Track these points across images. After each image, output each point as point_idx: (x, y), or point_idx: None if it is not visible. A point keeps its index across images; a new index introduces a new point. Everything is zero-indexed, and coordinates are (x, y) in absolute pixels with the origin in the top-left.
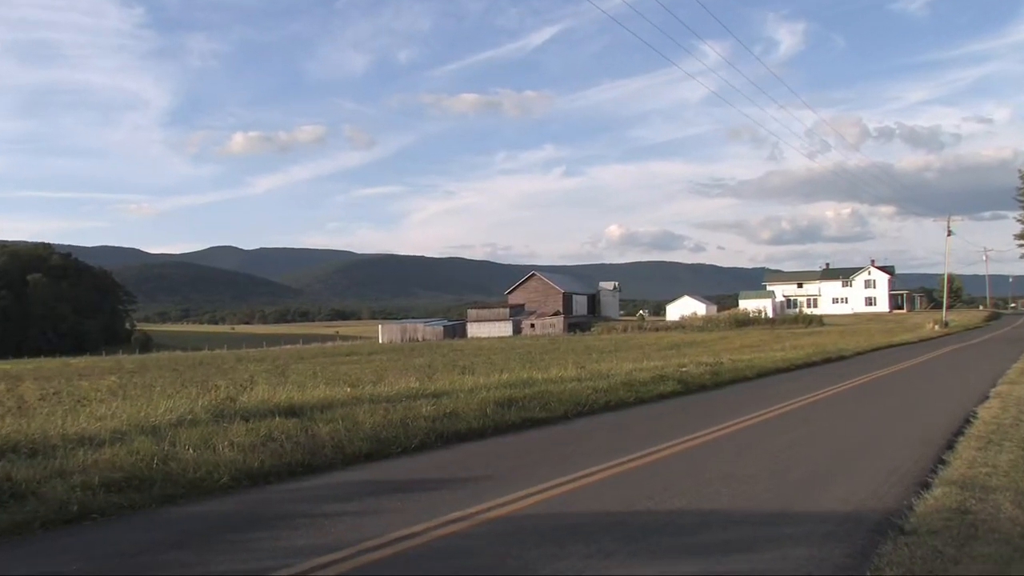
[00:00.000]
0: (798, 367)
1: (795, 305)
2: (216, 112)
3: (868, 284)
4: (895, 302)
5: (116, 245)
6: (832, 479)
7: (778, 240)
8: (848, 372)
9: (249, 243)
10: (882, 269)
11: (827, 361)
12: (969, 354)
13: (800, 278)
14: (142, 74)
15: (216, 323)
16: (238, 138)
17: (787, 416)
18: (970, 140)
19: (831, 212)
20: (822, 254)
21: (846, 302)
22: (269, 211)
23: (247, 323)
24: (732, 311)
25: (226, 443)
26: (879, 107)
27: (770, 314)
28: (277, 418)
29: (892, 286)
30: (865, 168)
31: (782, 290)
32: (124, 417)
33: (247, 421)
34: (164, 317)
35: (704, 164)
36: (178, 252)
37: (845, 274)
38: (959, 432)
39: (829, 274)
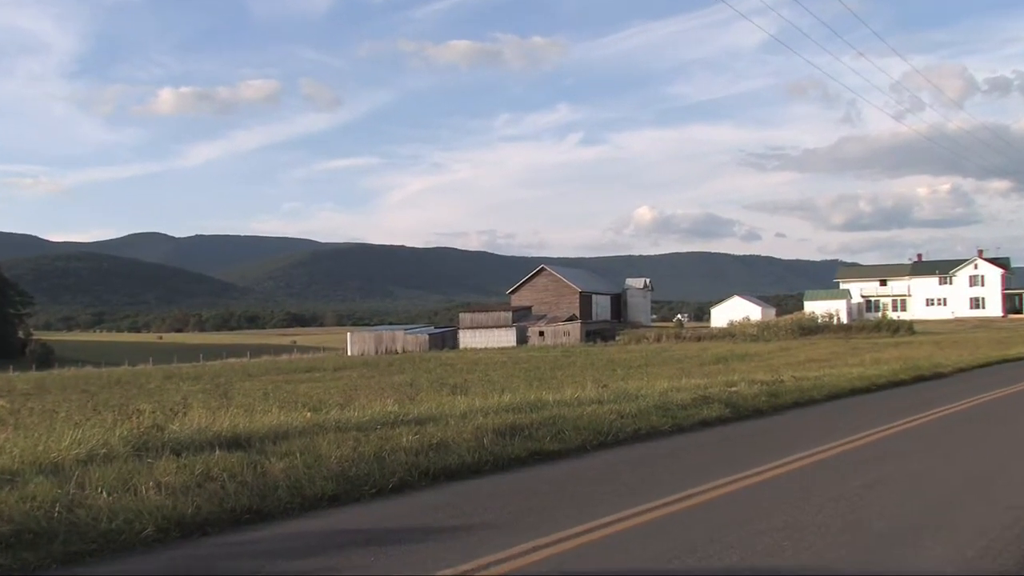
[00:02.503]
0: (881, 387)
1: (877, 308)
2: (137, 60)
3: (974, 281)
4: (1011, 304)
5: (5, 231)
6: (927, 531)
7: (855, 225)
8: (947, 394)
9: (181, 229)
10: (993, 262)
11: (919, 380)
12: None
13: (884, 273)
14: (40, 9)
15: (138, 330)
16: (166, 95)
17: (867, 450)
18: None
19: (924, 189)
20: (912, 243)
21: (944, 304)
22: (206, 189)
23: (179, 331)
24: (795, 315)
25: (151, 484)
26: (992, 51)
27: (844, 319)
28: (217, 451)
29: (1007, 283)
30: (971, 131)
31: (860, 289)
32: (15, 452)
33: (179, 456)
34: (70, 323)
35: (760, 129)
36: (89, 240)
37: (943, 268)
38: None
39: (922, 268)
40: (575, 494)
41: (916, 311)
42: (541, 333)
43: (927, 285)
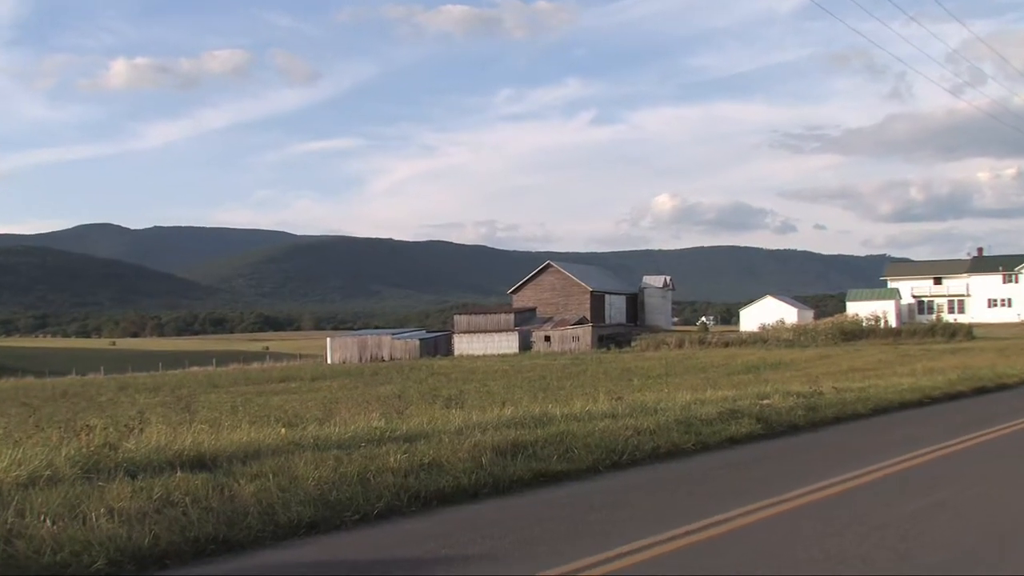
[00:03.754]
0: (935, 400)
1: (931, 309)
2: (85, 27)
3: None
4: None
5: None
6: (987, 565)
7: (905, 215)
8: (1012, 408)
9: (137, 220)
10: None
11: (979, 392)
12: None
13: (938, 270)
14: None
15: (88, 335)
16: (119, 67)
17: (919, 471)
18: None
19: (986, 173)
20: (972, 235)
21: (1009, 305)
22: (166, 174)
23: (134, 335)
24: (837, 318)
25: (102, 510)
26: None
27: (893, 322)
28: (179, 473)
29: None
30: None
31: (911, 287)
32: None
33: (134, 478)
34: (9, 327)
35: (796, 106)
36: (31, 233)
37: (1008, 264)
38: None
39: (983, 264)
40: (585, 521)
41: (976, 313)
42: (547, 338)
43: (989, 283)
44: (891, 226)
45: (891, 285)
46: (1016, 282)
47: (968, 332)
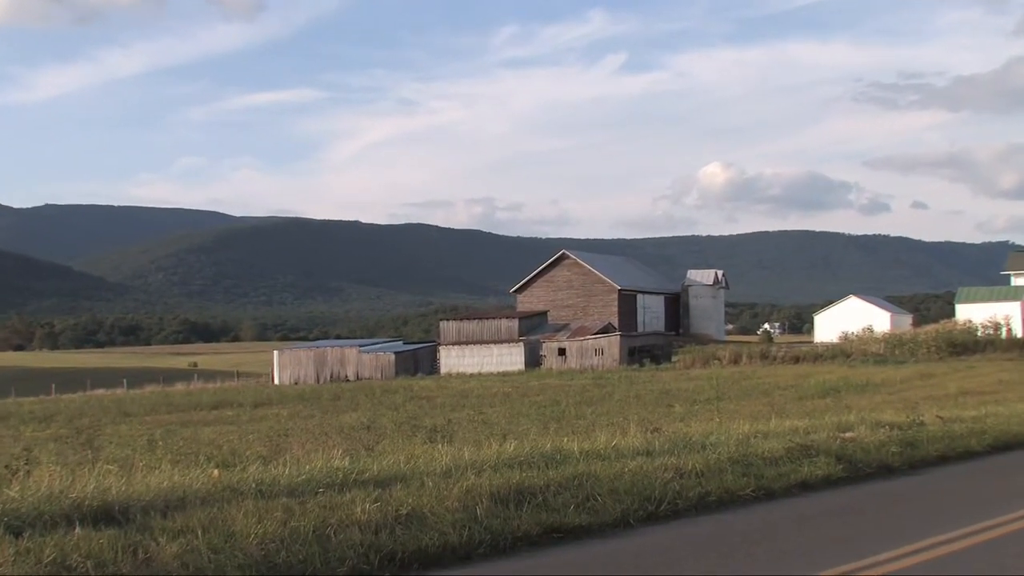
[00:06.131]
0: None
1: None
2: None
3: None
4: None
5: None
6: None
7: None
8: None
9: (23, 196)
10: None
11: None
12: None
13: None
14: None
15: None
16: None
17: None
18: None
19: None
20: None
21: None
22: (61, 136)
23: (19, 348)
24: (943, 325)
25: None
26: None
27: (1018, 331)
28: (78, 528)
29: None
30: None
31: None
32: None
33: (18, 536)
34: None
35: (889, 47)
36: None
37: None
38: None
39: None
40: None
41: None
42: (561, 351)
43: None
44: (1016, 204)
45: (1016, 282)
46: None
47: None
